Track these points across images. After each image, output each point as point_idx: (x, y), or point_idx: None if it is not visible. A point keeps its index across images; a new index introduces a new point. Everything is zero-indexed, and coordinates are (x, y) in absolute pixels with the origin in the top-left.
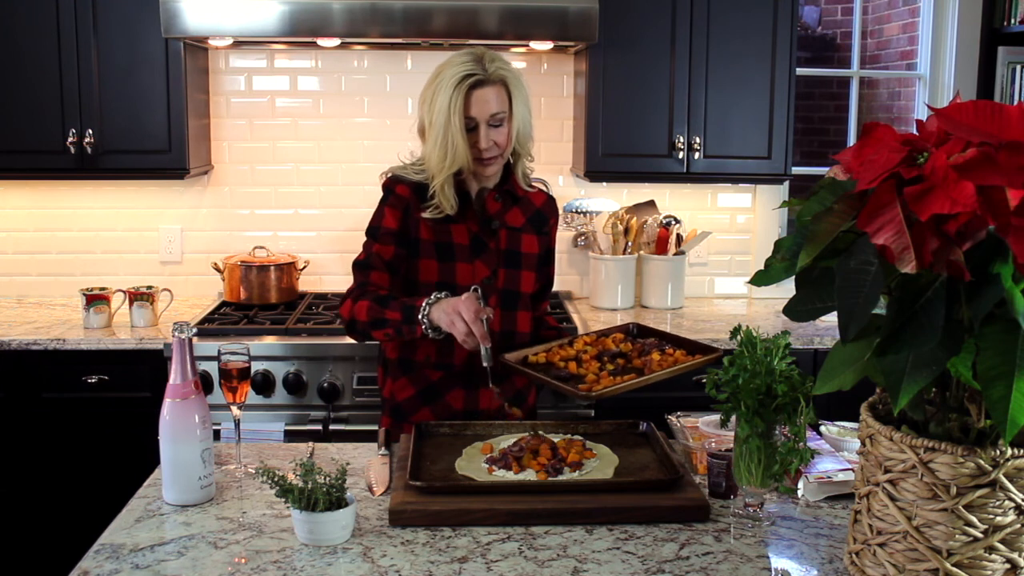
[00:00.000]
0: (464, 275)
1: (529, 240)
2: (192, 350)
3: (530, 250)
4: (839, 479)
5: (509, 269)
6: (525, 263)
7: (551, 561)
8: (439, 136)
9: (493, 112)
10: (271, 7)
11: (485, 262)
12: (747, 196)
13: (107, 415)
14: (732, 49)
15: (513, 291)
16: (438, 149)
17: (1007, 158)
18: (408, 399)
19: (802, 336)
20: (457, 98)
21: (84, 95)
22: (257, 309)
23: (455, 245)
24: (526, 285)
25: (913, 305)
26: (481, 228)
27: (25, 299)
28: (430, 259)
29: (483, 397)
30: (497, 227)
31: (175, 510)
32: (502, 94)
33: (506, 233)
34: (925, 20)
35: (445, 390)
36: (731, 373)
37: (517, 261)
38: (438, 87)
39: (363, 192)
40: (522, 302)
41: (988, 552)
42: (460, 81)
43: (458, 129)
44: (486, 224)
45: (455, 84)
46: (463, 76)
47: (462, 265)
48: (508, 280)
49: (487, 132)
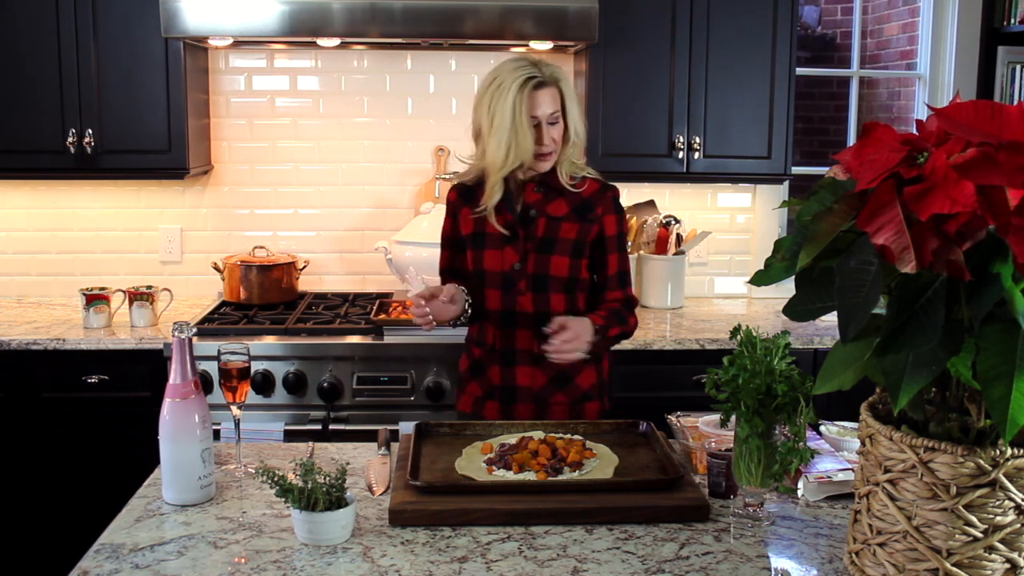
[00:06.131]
0: (492, 261)
1: (568, 227)
2: (192, 350)
3: (568, 236)
4: (839, 479)
5: (540, 255)
6: (559, 248)
7: (551, 561)
8: (504, 135)
9: (551, 111)
10: (271, 7)
11: (515, 249)
12: (747, 196)
13: (107, 415)
14: (732, 49)
15: (543, 275)
16: (502, 147)
17: (1007, 158)
18: (465, 371)
19: (802, 336)
20: (522, 99)
21: (84, 95)
22: (257, 309)
23: (487, 235)
24: (557, 270)
25: (913, 305)
26: (516, 218)
27: (25, 299)
28: (470, 249)
29: (519, 375)
30: (535, 216)
31: (175, 510)
32: (557, 95)
33: (545, 221)
34: (925, 20)
35: (487, 365)
36: (731, 373)
37: (550, 247)
38: (500, 91)
39: (363, 192)
40: (554, 285)
41: (988, 552)
42: (524, 83)
43: (525, 128)
44: (523, 214)
45: (519, 86)
46: (526, 78)
47: (491, 252)
48: (538, 265)
49: (547, 130)
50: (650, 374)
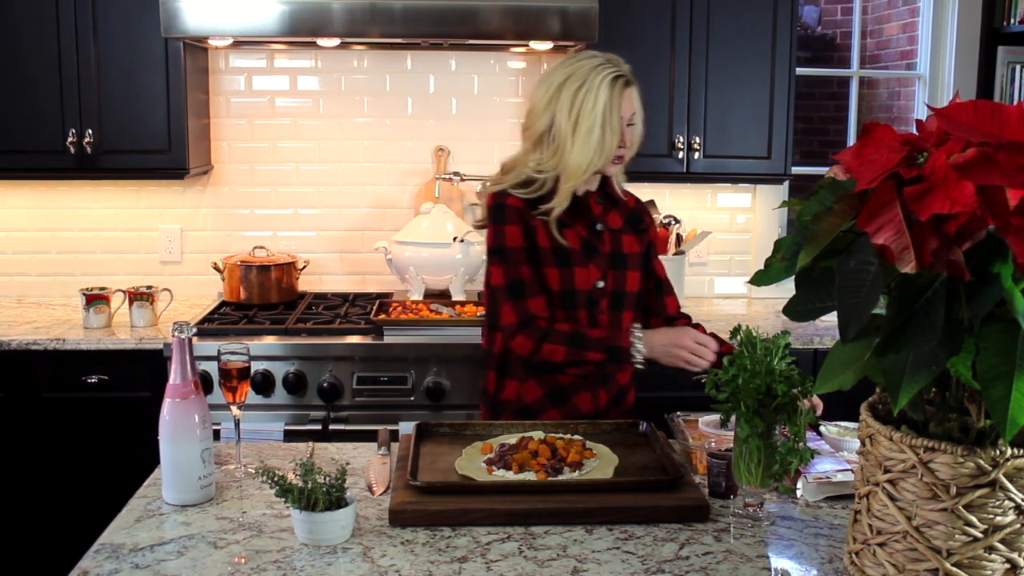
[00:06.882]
0: (581, 280)
1: (630, 240)
2: (192, 350)
3: (632, 250)
4: (838, 479)
5: (616, 271)
6: (630, 263)
7: (551, 561)
8: (594, 136)
9: (634, 112)
10: (271, 7)
11: (597, 265)
12: (747, 196)
13: (107, 415)
14: (732, 49)
15: (620, 292)
16: (589, 149)
17: (1007, 158)
18: (537, 400)
19: (802, 336)
20: (615, 98)
21: (84, 95)
22: (257, 309)
23: (571, 250)
24: (632, 285)
25: (913, 305)
26: (589, 232)
27: (25, 299)
28: (551, 267)
29: (602, 398)
30: (601, 229)
31: (175, 510)
32: (638, 95)
33: (609, 235)
34: (925, 20)
35: (573, 392)
36: (731, 373)
37: (623, 262)
38: (585, 89)
39: (363, 192)
40: (628, 302)
41: (988, 552)
42: (614, 80)
43: (616, 129)
44: (592, 226)
45: (610, 84)
46: (616, 76)
47: (579, 270)
48: (616, 282)
49: (628, 131)
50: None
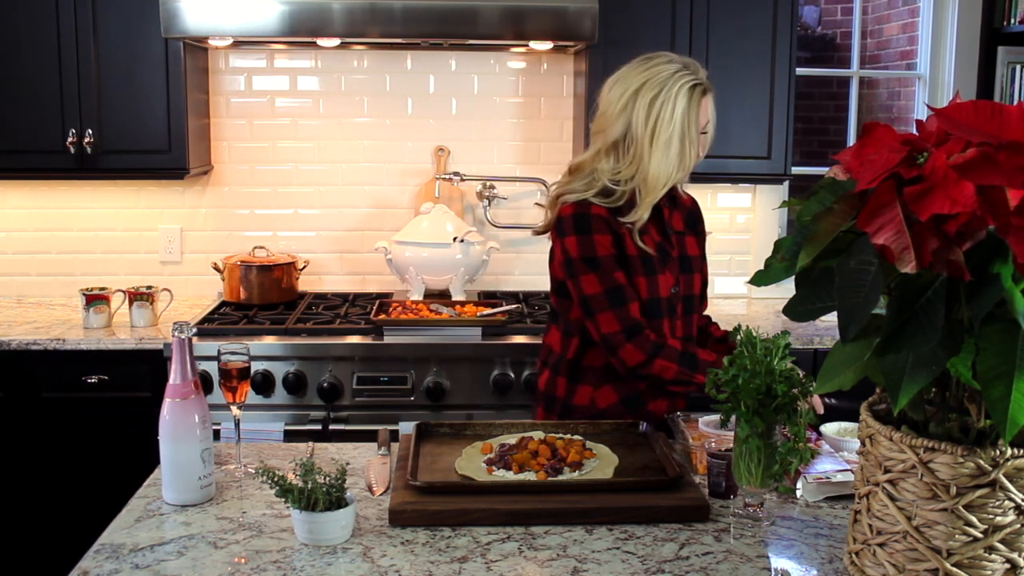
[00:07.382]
0: (665, 286)
1: (691, 242)
2: (192, 350)
3: (694, 252)
4: (838, 480)
5: (685, 275)
6: (695, 266)
7: (551, 561)
8: (672, 147)
9: (709, 120)
10: (271, 7)
11: (671, 271)
12: (747, 196)
13: (107, 415)
14: (732, 49)
15: (690, 296)
16: (671, 159)
17: (1007, 158)
18: (612, 406)
19: (802, 336)
20: (695, 106)
21: (84, 95)
22: (257, 309)
23: (652, 257)
24: (697, 287)
25: (913, 305)
26: (662, 236)
27: (25, 299)
28: (640, 275)
29: (679, 404)
30: (670, 233)
31: (175, 510)
32: (713, 102)
33: (676, 238)
34: (925, 20)
35: (650, 398)
36: (731, 373)
37: (689, 265)
38: (665, 96)
39: (363, 192)
40: (695, 305)
41: (988, 552)
42: (692, 89)
43: (694, 139)
44: (664, 231)
45: (689, 91)
46: (695, 83)
47: (661, 277)
48: (687, 286)
49: (703, 140)
50: None
